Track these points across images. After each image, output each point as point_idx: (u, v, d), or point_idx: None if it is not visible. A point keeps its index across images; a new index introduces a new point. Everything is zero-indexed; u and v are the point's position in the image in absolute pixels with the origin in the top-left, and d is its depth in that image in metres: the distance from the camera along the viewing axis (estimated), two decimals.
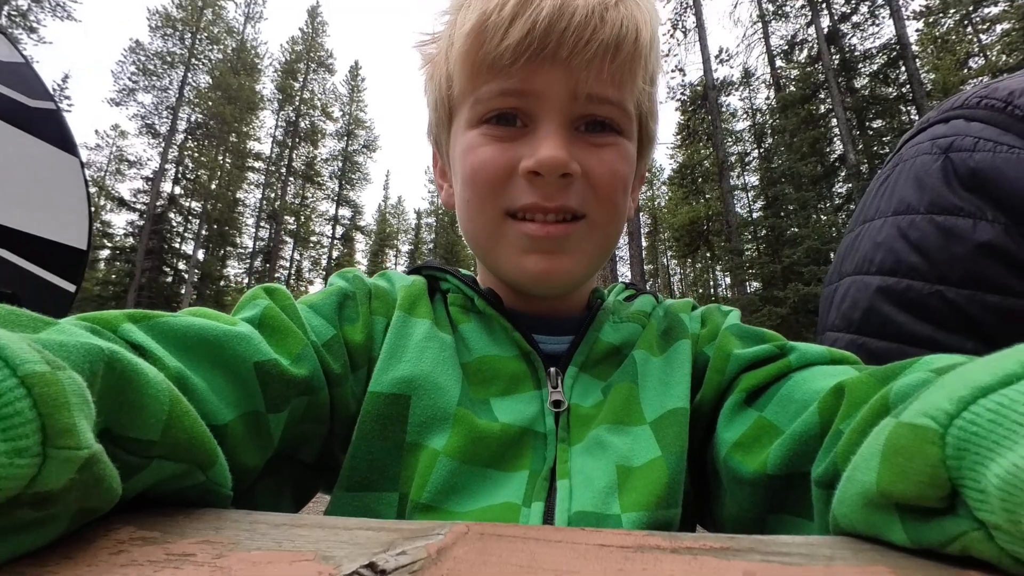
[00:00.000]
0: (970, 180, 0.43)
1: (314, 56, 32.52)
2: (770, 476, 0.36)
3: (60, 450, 0.17)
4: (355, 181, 34.41)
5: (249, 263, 30.63)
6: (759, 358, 0.44)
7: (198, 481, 0.27)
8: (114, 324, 0.30)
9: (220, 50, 28.20)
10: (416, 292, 0.50)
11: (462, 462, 0.39)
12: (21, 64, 1.58)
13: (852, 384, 0.33)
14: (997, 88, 0.46)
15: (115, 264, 26.18)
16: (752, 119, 24.20)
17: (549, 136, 0.44)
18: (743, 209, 24.15)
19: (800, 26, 20.44)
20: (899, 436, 0.20)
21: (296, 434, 0.40)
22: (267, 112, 31.13)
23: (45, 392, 0.17)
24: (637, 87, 0.47)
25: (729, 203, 17.71)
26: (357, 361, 0.44)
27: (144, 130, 26.51)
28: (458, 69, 0.47)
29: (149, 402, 0.24)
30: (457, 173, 0.50)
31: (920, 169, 0.47)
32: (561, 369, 0.47)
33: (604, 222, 0.47)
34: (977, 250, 0.42)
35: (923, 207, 0.46)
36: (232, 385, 0.34)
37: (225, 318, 0.37)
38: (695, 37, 18.63)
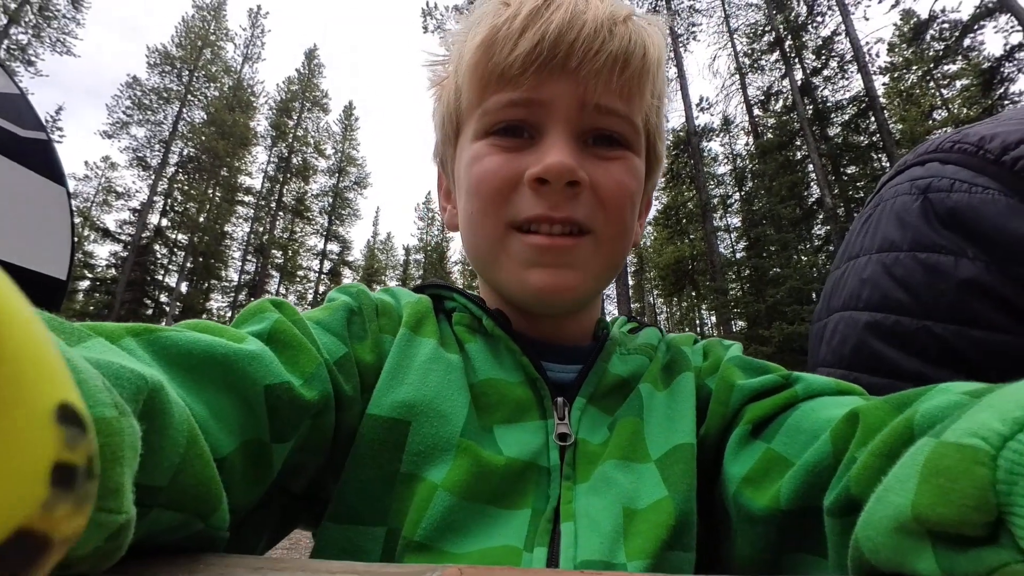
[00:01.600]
0: (949, 219, 0.46)
1: (309, 96, 33.32)
2: (784, 512, 0.34)
3: (100, 512, 0.15)
4: (345, 217, 34.60)
5: (233, 296, 30.19)
6: (764, 388, 0.42)
7: (195, 530, 0.25)
8: (113, 338, 0.27)
9: (217, 87, 28.77)
10: (422, 310, 0.48)
11: (462, 498, 0.36)
12: (16, 95, 1.59)
13: (866, 410, 0.31)
14: (968, 134, 0.49)
15: (94, 295, 25.61)
16: (733, 163, 25.14)
17: (556, 144, 0.43)
18: (727, 249, 24.72)
19: (775, 78, 21.63)
20: (942, 456, 0.19)
21: (292, 463, 0.36)
22: (260, 148, 31.54)
23: (106, 443, 0.15)
24: (646, 101, 0.47)
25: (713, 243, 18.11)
26: (368, 382, 0.41)
27: (135, 162, 26.58)
28: (467, 81, 0.46)
29: (167, 444, 0.22)
30: (462, 186, 0.49)
31: (901, 208, 0.49)
32: (568, 399, 0.45)
33: (611, 238, 0.46)
34: (960, 286, 0.43)
35: (906, 245, 0.48)
36: (236, 410, 0.31)
37: (231, 333, 0.34)
38: (677, 86, 19.55)
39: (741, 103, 22.72)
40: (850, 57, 18.95)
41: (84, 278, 25.47)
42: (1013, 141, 0.45)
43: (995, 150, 0.45)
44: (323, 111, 33.96)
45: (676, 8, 19.46)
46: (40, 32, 21.39)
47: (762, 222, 20.11)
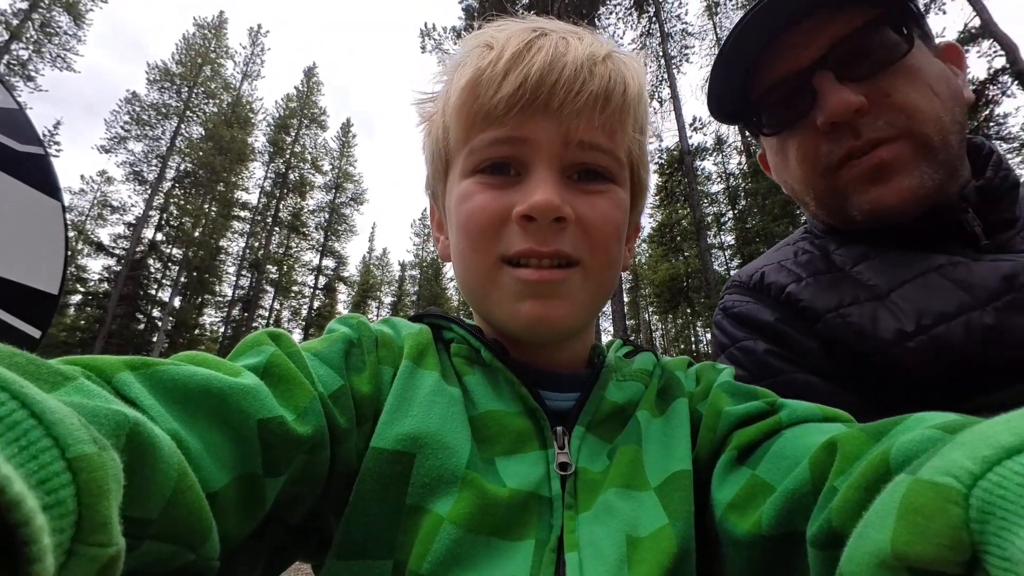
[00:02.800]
0: (739, 320, 0.75)
1: (307, 113, 33.66)
2: (765, 536, 0.35)
3: (90, 547, 0.15)
4: (341, 232, 34.68)
5: (227, 311, 29.98)
6: (750, 415, 0.43)
7: (186, 561, 0.25)
8: (109, 373, 0.27)
9: (216, 104, 29.04)
10: (423, 341, 0.48)
11: (467, 531, 0.36)
12: (15, 110, 1.60)
13: (844, 439, 0.32)
14: (735, 276, 0.83)
15: (85, 310, 25.36)
16: (726, 182, 25.49)
17: (542, 181, 0.44)
18: (721, 267, 24.89)
19: None
20: (917, 494, 0.19)
21: (287, 495, 0.36)
22: (257, 163, 31.71)
23: (90, 479, 0.16)
24: (627, 135, 0.49)
25: (707, 261, 18.24)
26: (363, 414, 0.41)
27: (131, 177, 26.63)
28: (454, 121, 0.48)
29: (158, 478, 0.22)
30: (452, 222, 0.50)
31: (718, 324, 0.80)
32: (567, 428, 0.45)
33: (598, 269, 0.47)
34: (764, 355, 0.69)
35: (730, 342, 0.74)
36: (230, 444, 0.31)
37: (228, 367, 0.34)
38: (670, 107, 19.91)
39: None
40: None
41: (76, 292, 25.25)
42: (749, 274, 0.79)
43: (744, 281, 0.79)
44: (321, 128, 34.29)
45: (669, 31, 19.94)
46: (41, 48, 21.59)
47: (756, 240, 20.31)
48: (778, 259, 0.78)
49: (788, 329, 0.68)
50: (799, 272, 0.72)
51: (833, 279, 0.68)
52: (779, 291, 0.71)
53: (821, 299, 0.66)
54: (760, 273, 0.77)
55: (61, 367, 0.22)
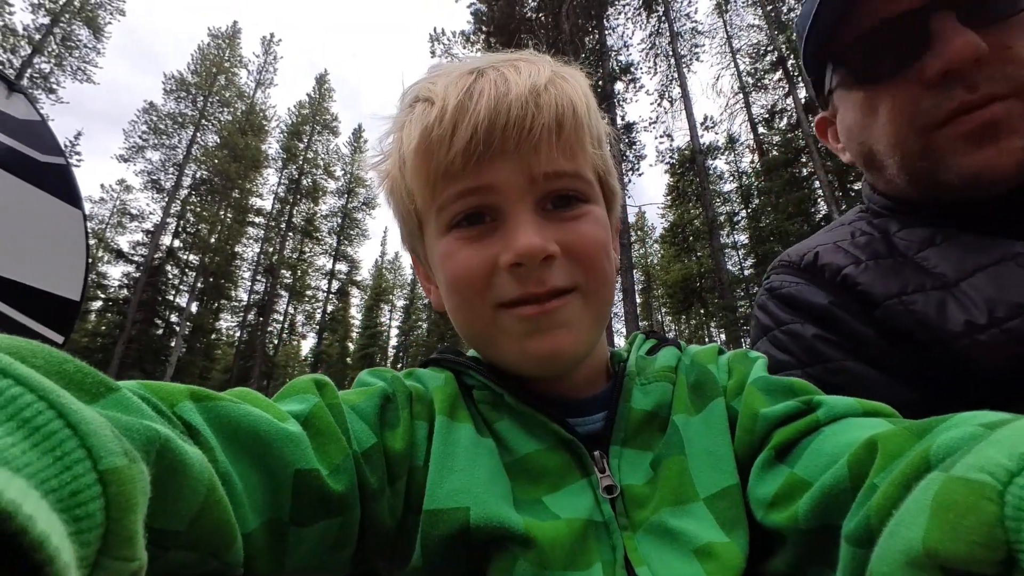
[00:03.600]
0: (787, 302, 0.71)
1: (319, 119, 34.09)
2: (803, 530, 0.35)
3: (115, 560, 0.16)
4: (353, 237, 35.01)
5: (243, 316, 30.43)
6: (786, 416, 0.43)
7: (209, 568, 0.26)
8: (174, 400, 0.29)
9: (230, 112, 29.55)
10: (452, 393, 0.48)
11: (541, 567, 0.38)
12: (37, 122, 1.64)
13: (886, 437, 0.32)
14: (783, 256, 0.79)
15: (106, 315, 25.93)
16: (739, 181, 25.22)
17: (520, 224, 0.44)
18: (734, 266, 24.62)
19: (779, 96, 21.83)
20: (951, 491, 0.19)
21: (328, 559, 0.37)
22: (271, 170, 32.18)
23: (119, 492, 0.16)
24: (588, 153, 0.49)
25: (720, 261, 18.06)
26: (396, 472, 0.41)
27: (149, 185, 27.21)
28: (414, 183, 0.48)
29: (187, 493, 0.23)
30: (440, 279, 0.50)
31: (763, 305, 0.76)
32: (603, 450, 0.46)
33: (595, 288, 0.47)
34: (812, 339, 0.65)
35: (774, 325, 0.72)
36: (265, 488, 0.32)
37: (275, 410, 0.35)
38: (681, 106, 19.78)
39: (745, 121, 22.91)
40: None
41: (97, 299, 25.85)
42: (801, 254, 0.74)
43: (796, 261, 0.75)
44: (333, 134, 34.70)
45: (679, 30, 19.81)
46: (62, 61, 22.18)
47: (769, 239, 20.05)
48: (833, 239, 0.72)
49: (842, 314, 0.64)
50: (857, 254, 0.67)
51: (895, 264, 0.63)
52: (834, 273, 0.67)
53: (881, 284, 0.62)
54: (814, 253, 0.72)
55: (106, 379, 0.22)
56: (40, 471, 0.15)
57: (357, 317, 37.57)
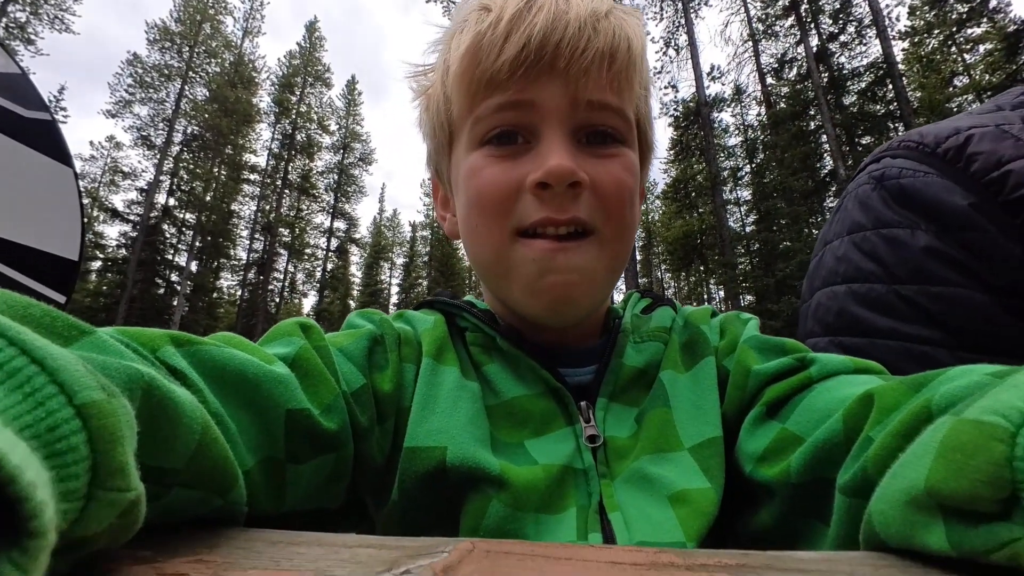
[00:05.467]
0: (901, 198, 0.57)
1: (311, 70, 32.81)
2: (794, 484, 0.36)
3: (108, 492, 0.16)
4: (350, 194, 34.50)
5: (243, 275, 30.48)
6: (779, 372, 0.43)
7: (215, 506, 0.26)
8: (155, 344, 0.29)
9: (218, 63, 28.40)
10: (440, 336, 0.48)
11: (515, 509, 0.38)
12: (18, 75, 1.58)
13: (882, 391, 0.32)
14: (911, 134, 0.62)
15: (106, 276, 25.97)
16: (744, 135, 24.59)
17: (554, 146, 0.43)
18: (736, 223, 24.40)
19: (789, 45, 20.91)
20: (960, 433, 0.19)
21: (324, 493, 0.38)
22: (263, 125, 31.31)
23: (101, 425, 0.16)
24: (635, 92, 0.47)
25: (722, 217, 17.89)
26: (384, 412, 0.42)
27: (139, 142, 26.53)
28: (456, 90, 0.46)
29: (182, 432, 0.23)
30: (462, 198, 0.49)
31: (862, 196, 0.61)
32: (590, 401, 0.46)
33: (613, 236, 0.46)
34: (921, 252, 0.53)
35: (870, 224, 0.58)
36: (258, 428, 0.32)
37: (261, 353, 0.35)
38: (687, 55, 18.99)
39: (754, 71, 22.06)
40: (868, 21, 18.24)
41: (96, 259, 25.80)
42: (944, 136, 0.57)
43: (930, 143, 0.58)
44: (326, 86, 33.50)
45: None
46: (38, 9, 21.09)
47: (773, 195, 19.77)
48: (994, 122, 0.57)
49: (985, 223, 0.51)
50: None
51: None
52: (991, 167, 0.52)
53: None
54: (965, 136, 0.56)
55: (79, 322, 0.22)
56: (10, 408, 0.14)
57: (357, 275, 37.68)
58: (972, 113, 0.62)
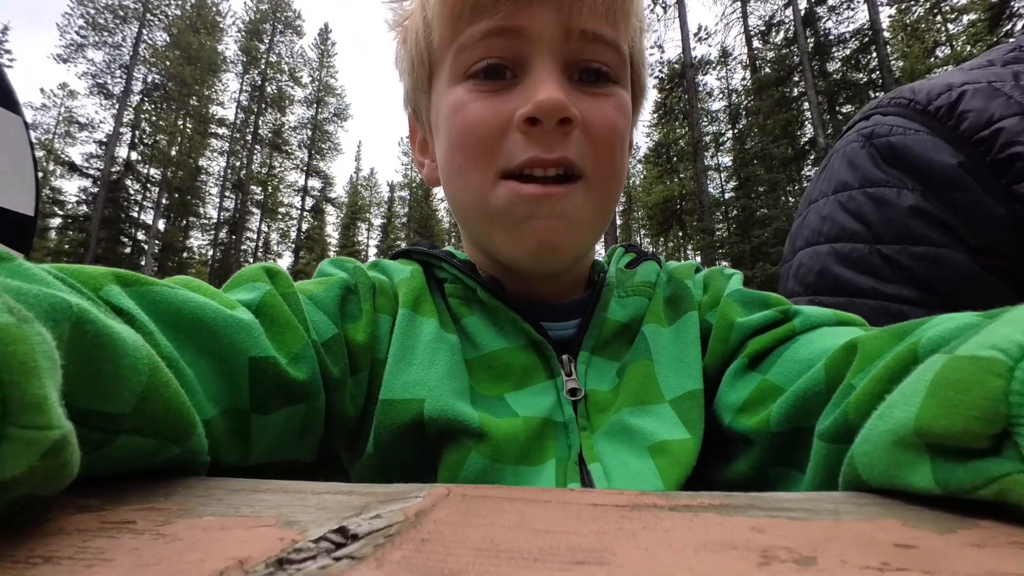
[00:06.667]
0: (890, 156, 0.56)
1: (281, 16, 30.83)
2: (774, 433, 0.35)
3: (24, 429, 0.14)
4: (325, 151, 33.26)
5: (214, 234, 29.50)
6: (762, 325, 0.42)
7: (172, 454, 0.24)
8: (97, 283, 0.26)
9: (178, 6, 26.42)
10: (418, 287, 0.46)
11: (494, 460, 0.37)
12: None
13: (865, 340, 0.31)
14: (902, 90, 0.61)
15: (67, 233, 24.81)
16: (728, 99, 24.37)
17: (544, 79, 0.40)
18: (716, 189, 24.52)
19: (778, 7, 20.51)
20: (954, 369, 0.18)
21: (295, 446, 0.37)
22: (231, 75, 29.58)
23: (9, 352, 0.14)
24: (631, 25, 0.45)
25: (703, 183, 17.95)
26: (358, 363, 0.40)
27: (96, 90, 24.83)
28: (438, 15, 0.43)
29: (125, 372, 0.21)
30: (443, 137, 0.45)
31: (850, 154, 0.60)
32: (572, 355, 0.45)
33: (602, 181, 0.44)
34: (906, 212, 0.53)
35: (856, 183, 0.58)
36: (219, 377, 0.30)
37: (222, 298, 0.33)
38: (675, 13, 18.49)
39: (741, 34, 21.67)
40: None
41: (55, 215, 24.55)
42: (936, 93, 0.56)
43: (922, 100, 0.57)
44: (297, 34, 31.60)
45: None
46: None
47: (753, 161, 19.87)
48: (986, 79, 0.56)
49: (972, 183, 0.51)
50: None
51: None
52: (981, 125, 0.52)
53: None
54: (958, 92, 0.55)
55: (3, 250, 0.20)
56: None
57: (334, 235, 36.85)
58: (964, 69, 0.61)
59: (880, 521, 0.17)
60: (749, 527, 0.16)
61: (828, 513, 0.18)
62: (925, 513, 0.18)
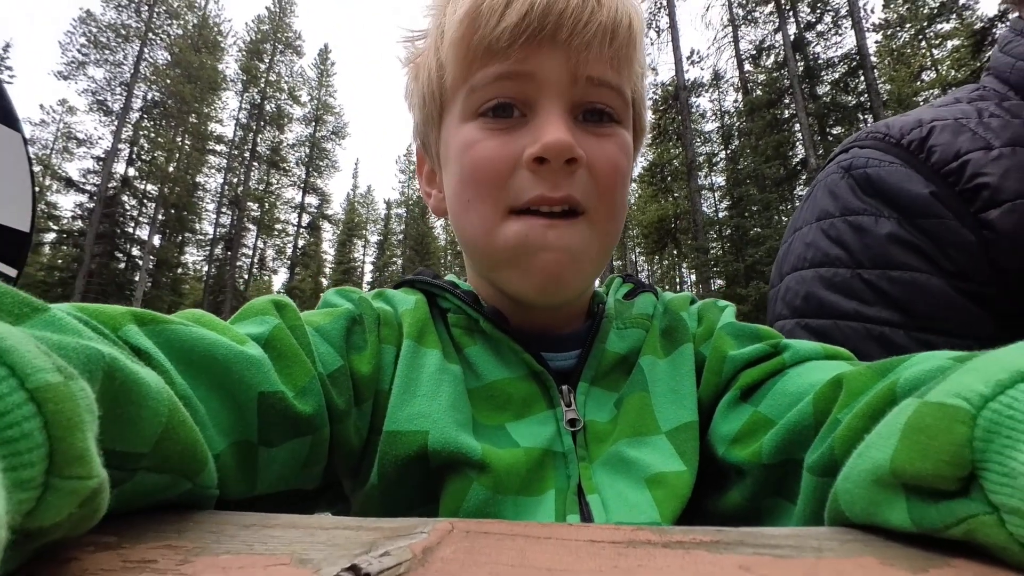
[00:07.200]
0: (867, 186, 0.60)
1: (281, 37, 31.34)
2: (765, 465, 0.37)
3: (68, 480, 0.15)
4: (323, 168, 33.49)
5: (209, 250, 29.43)
6: (754, 358, 0.44)
7: (183, 490, 0.25)
8: (116, 323, 0.27)
9: (180, 25, 26.81)
10: (422, 318, 0.47)
11: (495, 492, 0.38)
12: None
13: (850, 376, 0.33)
14: (878, 126, 0.65)
15: (62, 248, 24.68)
16: (720, 121, 24.82)
17: (551, 120, 0.42)
18: (709, 209, 24.80)
19: (768, 32, 21.07)
20: (924, 415, 0.20)
21: (299, 476, 0.38)
22: (230, 93, 29.88)
23: (58, 410, 0.15)
24: (634, 71, 0.47)
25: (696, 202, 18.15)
26: (362, 394, 0.41)
27: (95, 107, 24.99)
28: (451, 56, 0.45)
29: (147, 414, 0.22)
30: (453, 171, 0.47)
31: (831, 185, 0.64)
32: (572, 386, 0.46)
33: (605, 217, 0.46)
34: (884, 239, 0.56)
35: (837, 212, 0.61)
36: (228, 411, 0.31)
37: (232, 332, 0.34)
38: (668, 37, 18.93)
39: (732, 57, 22.19)
40: (845, 12, 18.51)
41: (49, 230, 24.45)
42: (908, 128, 0.60)
43: (895, 135, 0.61)
44: (297, 54, 32.09)
45: None
46: None
47: (746, 181, 20.15)
48: (953, 115, 0.60)
49: (943, 211, 0.54)
50: (989, 138, 0.56)
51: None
52: (949, 158, 0.56)
53: (1016, 179, 0.52)
54: (928, 128, 0.59)
55: (31, 298, 0.20)
56: None
57: (330, 252, 36.84)
58: (934, 106, 0.65)
59: (859, 558, 0.18)
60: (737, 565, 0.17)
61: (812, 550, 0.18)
62: (902, 551, 0.19)
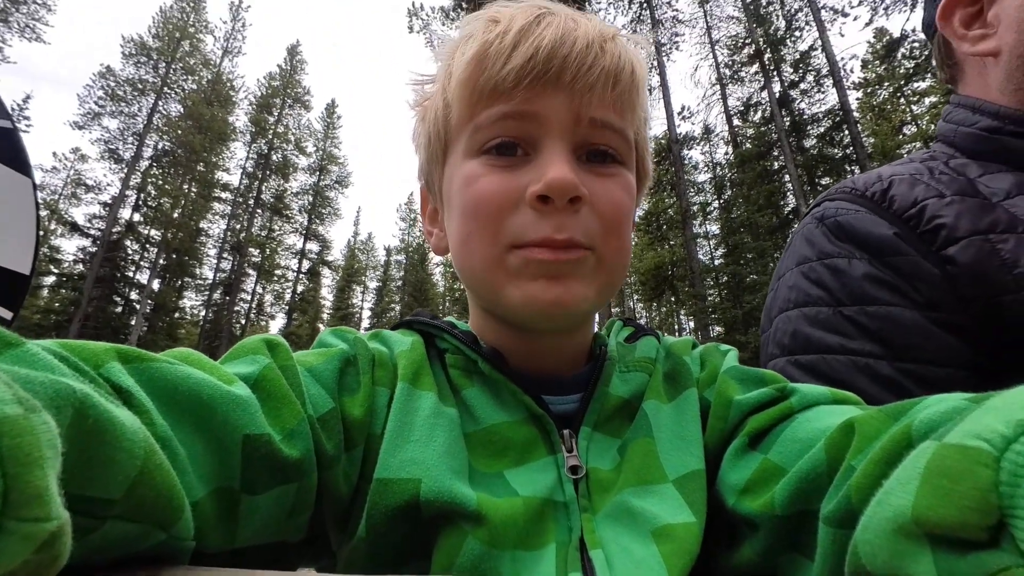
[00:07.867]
0: (839, 232, 0.67)
1: (291, 92, 32.80)
2: (779, 516, 0.35)
3: (23, 523, 0.13)
4: (325, 216, 34.10)
5: (208, 295, 29.44)
6: (760, 403, 0.43)
7: (156, 541, 0.23)
8: (99, 360, 0.26)
9: (195, 81, 28.10)
10: (417, 359, 0.46)
11: (491, 546, 0.36)
12: None
13: (862, 420, 0.31)
14: (845, 182, 0.75)
15: (60, 292, 24.66)
16: (713, 172, 25.63)
17: (555, 159, 0.42)
18: (705, 256, 25.14)
19: (754, 90, 22.16)
20: (944, 458, 0.19)
21: (283, 526, 0.36)
22: (238, 144, 30.89)
23: (14, 444, 0.14)
24: (637, 116, 0.48)
25: (692, 250, 18.40)
26: (353, 439, 0.39)
27: (107, 155, 25.73)
28: (458, 96, 0.46)
29: (121, 456, 0.21)
30: (455, 208, 0.47)
31: (807, 234, 0.72)
32: (573, 430, 0.44)
33: (610, 257, 0.45)
34: (860, 278, 0.62)
35: (815, 256, 0.68)
36: (211, 454, 0.30)
37: (220, 372, 0.33)
38: (659, 95, 19.84)
39: (721, 113, 23.20)
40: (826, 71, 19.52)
41: (50, 273, 24.52)
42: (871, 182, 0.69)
43: (860, 188, 0.70)
44: (305, 108, 33.47)
45: (660, 18, 19.77)
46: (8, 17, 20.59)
47: (740, 230, 20.55)
48: (908, 172, 0.67)
49: (908, 248, 0.60)
50: (941, 188, 0.62)
51: (981, 205, 0.59)
52: (909, 205, 0.62)
53: (968, 220, 0.57)
54: (888, 182, 0.67)
55: (5, 332, 0.20)
56: None
57: (328, 298, 36.84)
58: (891, 165, 0.75)
59: None
60: None
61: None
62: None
